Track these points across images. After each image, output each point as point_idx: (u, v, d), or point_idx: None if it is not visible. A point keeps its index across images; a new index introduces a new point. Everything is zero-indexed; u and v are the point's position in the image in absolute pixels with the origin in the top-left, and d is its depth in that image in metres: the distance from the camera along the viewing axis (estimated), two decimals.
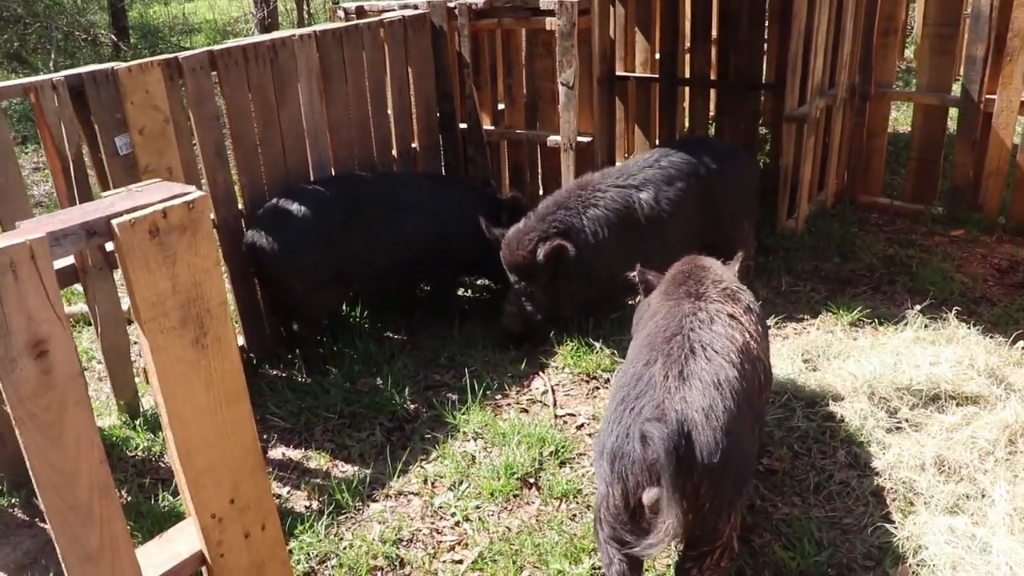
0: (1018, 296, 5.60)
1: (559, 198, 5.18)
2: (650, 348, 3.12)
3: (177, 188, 2.09)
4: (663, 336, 3.14)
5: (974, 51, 6.40)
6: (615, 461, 2.82)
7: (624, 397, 2.94)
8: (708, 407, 2.78)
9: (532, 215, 5.15)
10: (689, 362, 2.95)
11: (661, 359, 2.99)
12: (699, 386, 2.84)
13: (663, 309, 3.45)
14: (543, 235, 4.97)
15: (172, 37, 16.86)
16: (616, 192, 5.14)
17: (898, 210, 7.02)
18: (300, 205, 4.93)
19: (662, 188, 5.19)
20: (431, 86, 6.18)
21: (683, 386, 2.85)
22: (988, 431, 3.97)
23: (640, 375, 2.98)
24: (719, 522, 2.81)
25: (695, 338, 3.08)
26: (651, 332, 3.28)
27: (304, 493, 4.13)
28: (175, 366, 2.06)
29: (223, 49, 4.84)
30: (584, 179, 5.32)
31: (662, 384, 2.87)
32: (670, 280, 3.75)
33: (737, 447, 2.79)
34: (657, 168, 5.26)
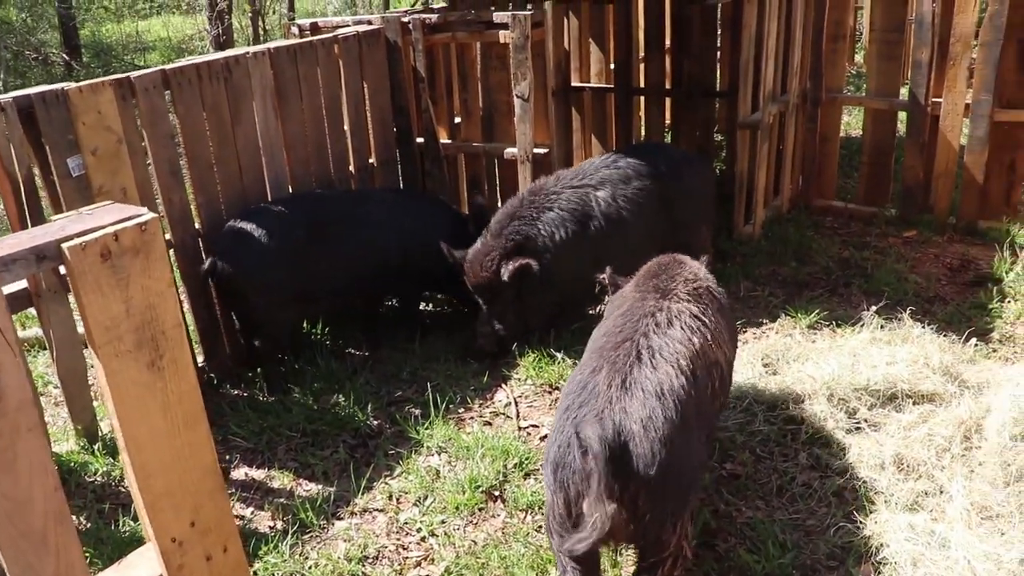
0: (970, 294, 5.72)
1: (511, 208, 5.19)
2: (599, 353, 3.13)
3: (129, 210, 2.07)
4: (613, 341, 3.15)
5: (919, 56, 6.54)
6: (557, 470, 2.84)
7: (568, 406, 2.95)
8: (647, 417, 2.78)
9: (488, 232, 5.15)
10: (633, 370, 2.95)
11: (607, 367, 2.99)
12: (640, 396, 2.85)
13: (627, 303, 3.47)
14: (503, 252, 4.99)
15: (126, 55, 16.67)
16: (571, 192, 5.16)
17: (852, 213, 7.14)
18: (261, 223, 4.91)
19: (619, 187, 5.23)
20: (387, 101, 6.17)
21: (624, 396, 2.86)
22: (944, 428, 4.04)
23: (585, 383, 2.99)
24: (662, 532, 2.81)
25: (643, 344, 3.08)
26: (607, 332, 3.29)
27: (268, 513, 4.09)
28: (131, 389, 2.04)
29: (176, 68, 4.80)
30: (537, 184, 5.34)
31: (604, 393, 2.88)
32: (644, 272, 3.78)
33: (678, 457, 2.78)
34: (614, 168, 5.31)
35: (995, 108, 6.35)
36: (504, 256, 4.98)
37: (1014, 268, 5.92)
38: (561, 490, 2.82)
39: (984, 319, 5.34)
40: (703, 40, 7.40)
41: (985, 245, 6.39)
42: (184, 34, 18.26)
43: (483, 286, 5.07)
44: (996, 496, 3.58)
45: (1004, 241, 6.24)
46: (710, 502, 3.86)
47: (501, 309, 5.12)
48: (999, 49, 6.19)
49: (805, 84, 7.09)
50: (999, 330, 5.22)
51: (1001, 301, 5.56)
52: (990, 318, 5.36)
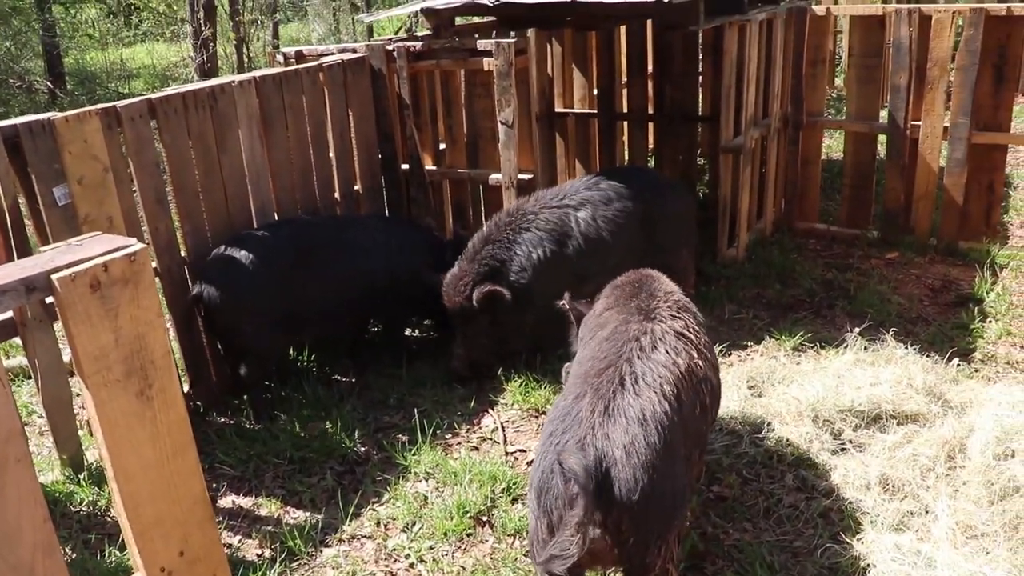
0: (951, 315, 5.78)
1: (487, 231, 5.22)
2: (583, 380, 3.14)
3: (118, 241, 2.09)
4: (597, 367, 3.17)
5: (898, 80, 6.64)
6: (541, 496, 2.86)
7: (552, 432, 2.97)
8: (629, 444, 2.80)
9: (464, 256, 5.19)
10: (616, 397, 2.97)
11: (590, 393, 3.01)
12: (623, 423, 2.87)
13: (610, 325, 3.48)
14: (476, 277, 5.04)
15: (110, 83, 16.68)
16: (550, 213, 5.17)
17: (835, 235, 7.21)
18: (247, 249, 4.92)
19: (599, 208, 5.24)
20: (372, 128, 6.21)
21: (607, 422, 2.87)
22: (928, 448, 4.08)
23: (569, 410, 3.00)
24: (647, 556, 2.83)
25: (627, 370, 3.10)
26: (592, 356, 3.30)
27: (256, 541, 4.07)
28: (120, 419, 2.04)
29: (162, 97, 4.83)
30: (514, 205, 5.37)
31: (587, 420, 2.90)
32: (620, 292, 3.79)
33: (660, 482, 2.81)
34: (596, 190, 5.33)
35: (972, 131, 6.45)
36: (477, 281, 5.02)
37: (994, 288, 5.99)
38: (544, 515, 2.83)
39: (966, 339, 5.39)
40: (685, 65, 7.48)
41: (966, 266, 6.47)
42: (169, 61, 18.29)
43: (457, 311, 5.12)
44: (980, 515, 3.61)
45: (984, 261, 6.33)
46: (698, 525, 3.87)
47: (474, 333, 5.16)
48: (975, 73, 6.30)
49: (786, 108, 7.18)
50: (981, 350, 5.28)
51: (982, 321, 5.62)
52: (972, 338, 5.41)
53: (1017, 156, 9.24)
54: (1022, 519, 3.54)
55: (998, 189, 6.68)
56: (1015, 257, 6.45)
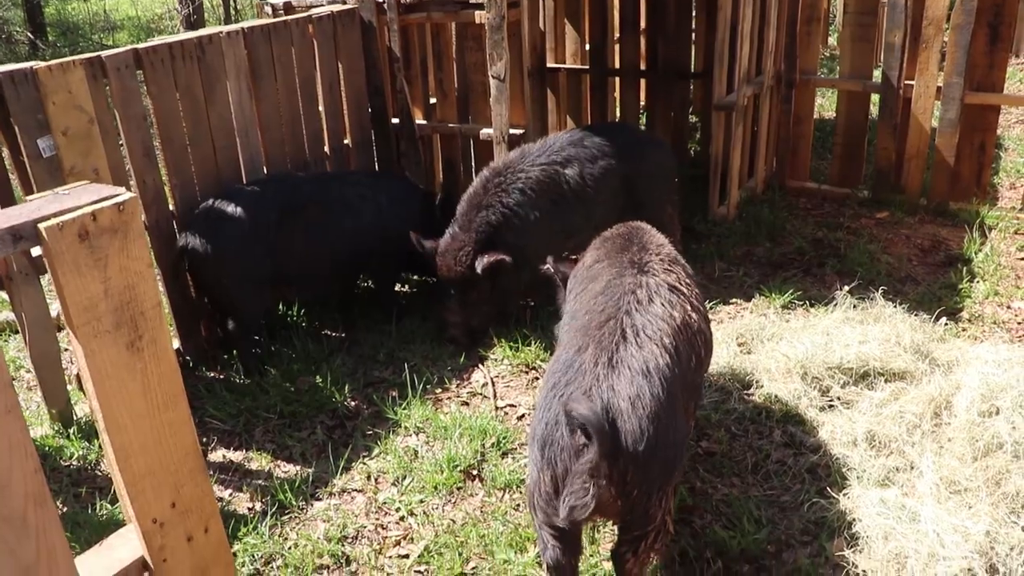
0: (940, 274, 5.80)
1: (476, 195, 5.06)
2: (584, 332, 3.13)
3: (106, 190, 2.05)
4: (597, 320, 3.16)
5: (892, 39, 6.59)
6: (545, 448, 2.85)
7: (555, 384, 2.96)
8: (635, 395, 2.80)
9: (456, 223, 5.05)
10: (619, 349, 2.97)
11: (593, 346, 3.00)
12: (627, 374, 2.86)
13: (603, 278, 3.46)
14: (476, 246, 4.92)
15: (93, 35, 16.43)
16: (539, 171, 5.06)
17: (825, 194, 7.20)
18: (234, 205, 4.88)
19: (586, 165, 5.17)
20: (362, 82, 6.14)
21: (612, 374, 2.87)
22: (915, 405, 4.11)
23: (571, 362, 2.99)
24: (650, 506, 2.85)
25: (628, 322, 3.09)
26: (589, 310, 3.29)
27: (246, 495, 4.09)
28: (110, 370, 2.03)
29: (148, 47, 4.75)
30: (500, 163, 5.20)
31: (591, 371, 2.89)
32: (611, 244, 3.77)
33: (664, 433, 2.82)
34: (580, 147, 5.24)
35: (966, 91, 6.43)
36: (477, 250, 4.91)
37: (983, 249, 6.01)
38: (549, 467, 2.83)
39: (954, 299, 5.42)
40: (678, 21, 7.42)
41: (955, 226, 6.48)
42: (153, 13, 18.01)
43: (457, 280, 5.00)
44: (964, 471, 3.64)
45: (974, 222, 6.34)
46: (686, 479, 3.91)
47: (474, 300, 5.05)
48: (970, 32, 6.26)
49: (779, 66, 7.13)
50: (968, 309, 5.31)
51: (971, 281, 5.64)
52: (960, 298, 5.44)
53: (1008, 118, 9.22)
54: (1004, 475, 3.58)
55: (989, 150, 6.67)
56: (1004, 218, 6.46)
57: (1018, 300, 5.42)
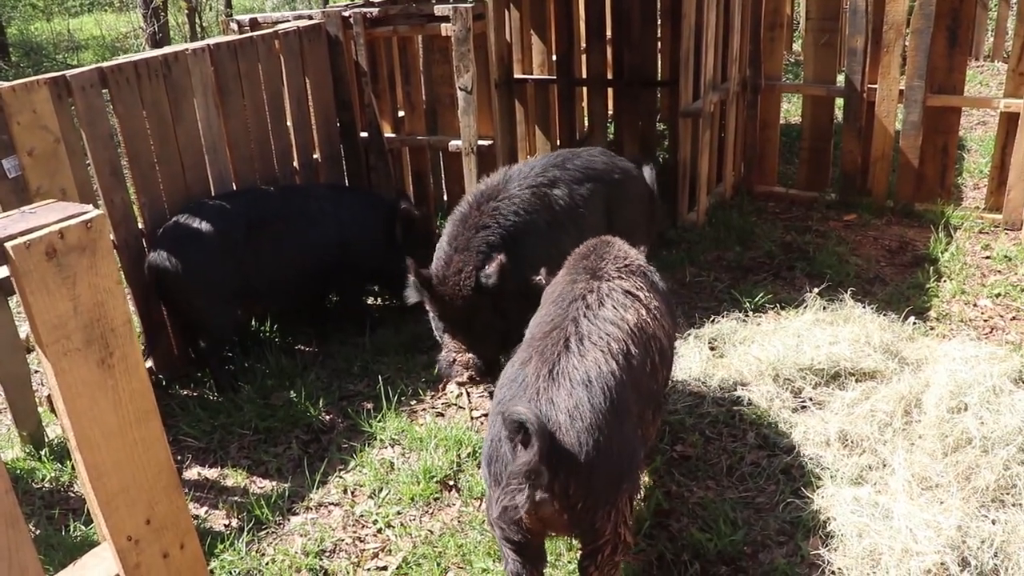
0: (908, 275, 5.88)
1: (471, 218, 4.68)
2: (529, 344, 3.10)
3: (73, 208, 2.05)
4: (543, 330, 3.12)
5: (854, 43, 6.69)
6: (491, 464, 2.83)
7: (499, 400, 2.91)
8: (573, 407, 2.73)
9: (449, 247, 4.61)
10: (561, 360, 2.90)
11: (536, 357, 2.95)
12: (567, 385, 2.80)
13: (558, 288, 3.45)
14: (478, 264, 4.50)
15: (57, 55, 16.29)
16: (530, 193, 4.80)
17: (793, 198, 7.28)
18: (200, 221, 4.86)
19: (573, 186, 4.99)
20: (329, 96, 6.14)
21: (552, 386, 2.81)
22: (886, 404, 4.16)
23: (515, 376, 2.94)
24: (595, 520, 2.80)
25: (572, 330, 3.04)
26: (540, 320, 3.27)
27: (222, 511, 4.06)
28: (81, 388, 2.02)
29: (114, 66, 4.73)
30: (488, 186, 4.87)
31: (532, 385, 2.83)
32: (574, 255, 3.77)
33: (607, 445, 2.76)
34: (564, 170, 5.06)
35: (928, 93, 6.53)
36: (480, 267, 4.48)
37: (949, 249, 6.10)
38: (496, 483, 2.80)
39: (922, 298, 5.50)
40: (644, 30, 7.48)
41: (921, 227, 6.58)
42: (118, 32, 17.90)
43: (460, 307, 4.50)
44: (935, 467, 3.69)
45: (939, 222, 6.43)
46: (662, 483, 3.93)
47: (481, 328, 4.53)
48: (929, 36, 6.37)
49: (745, 72, 7.21)
50: (936, 308, 5.38)
51: (937, 280, 5.72)
52: (927, 297, 5.52)
53: (970, 119, 9.38)
54: (974, 469, 3.64)
55: (952, 151, 6.78)
56: (968, 218, 6.57)
57: (984, 298, 5.51)
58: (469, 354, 4.50)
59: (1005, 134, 6.49)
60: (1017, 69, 6.35)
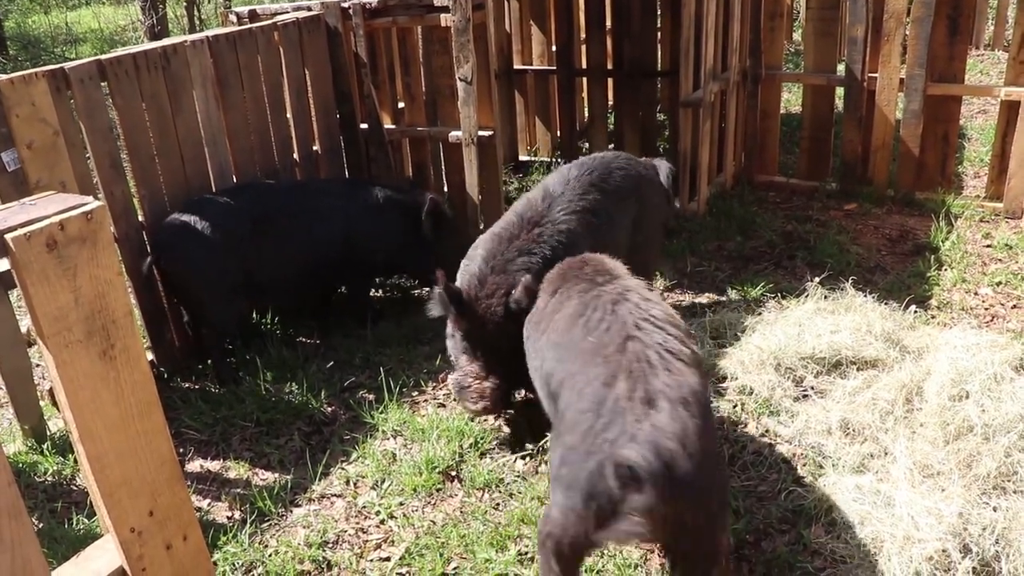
0: (909, 263, 5.87)
1: (512, 240, 4.37)
2: (604, 360, 2.89)
3: (73, 199, 2.04)
4: (613, 341, 2.94)
5: (855, 32, 6.68)
6: (590, 500, 2.66)
7: (590, 427, 2.73)
8: (681, 432, 2.57)
9: (486, 267, 4.27)
10: (650, 379, 2.75)
11: (623, 376, 2.77)
12: (667, 407, 2.64)
13: (572, 301, 3.32)
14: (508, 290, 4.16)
15: (55, 48, 16.25)
16: (576, 219, 4.50)
17: (794, 188, 7.27)
18: (205, 215, 4.86)
19: (611, 208, 4.71)
20: (329, 88, 6.12)
21: (651, 409, 2.65)
22: (887, 392, 4.16)
23: (602, 399, 2.76)
24: (715, 543, 2.77)
25: (648, 341, 2.91)
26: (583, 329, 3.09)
27: (225, 504, 4.07)
28: (82, 380, 2.02)
29: (112, 58, 4.72)
30: (530, 212, 4.51)
31: (629, 409, 2.67)
32: (560, 277, 3.67)
33: (712, 463, 2.67)
34: (603, 192, 4.70)
35: (928, 82, 6.51)
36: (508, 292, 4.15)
37: (950, 237, 6.10)
38: (592, 518, 2.66)
39: (923, 287, 5.49)
40: (644, 20, 7.47)
41: (922, 215, 6.57)
42: (117, 25, 17.84)
43: (492, 329, 4.17)
44: (936, 455, 3.69)
45: (940, 211, 6.43)
46: None
47: (508, 354, 4.10)
48: (930, 25, 6.34)
49: (745, 62, 7.19)
50: (937, 297, 5.38)
51: (938, 269, 5.72)
52: (928, 286, 5.51)
53: (970, 108, 9.36)
54: (975, 457, 3.64)
55: (952, 140, 6.76)
56: (969, 207, 6.56)
57: (985, 286, 5.51)
58: (488, 382, 4.15)
59: (1006, 123, 6.48)
60: (1018, 57, 6.33)
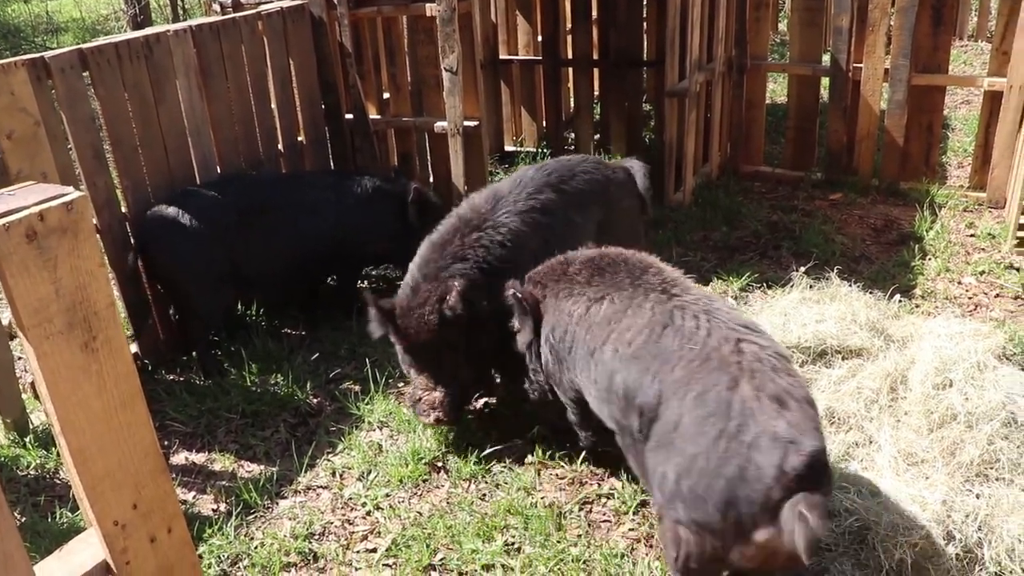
0: (893, 253, 5.90)
1: (446, 247, 4.16)
2: (721, 364, 2.84)
3: (53, 190, 2.02)
4: (723, 345, 2.90)
5: (840, 23, 6.69)
6: (729, 509, 2.64)
7: (720, 431, 2.69)
8: (814, 430, 2.65)
9: (418, 275, 4.12)
10: (776, 380, 2.76)
11: (746, 379, 2.75)
12: (797, 407, 2.69)
13: (645, 308, 3.21)
14: (443, 295, 3.99)
15: (36, 37, 16.08)
16: (519, 220, 4.25)
17: (779, 178, 7.29)
18: (191, 207, 4.83)
19: (568, 211, 4.45)
20: (314, 78, 6.09)
21: (784, 410, 2.67)
22: (872, 381, 4.17)
23: (727, 401, 2.73)
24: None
25: (763, 343, 2.94)
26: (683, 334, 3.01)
27: (211, 496, 4.05)
28: (64, 372, 2.00)
29: (94, 47, 4.67)
30: (470, 214, 4.29)
31: (760, 410, 2.67)
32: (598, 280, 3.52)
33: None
34: (558, 191, 4.45)
35: (912, 72, 6.53)
36: (443, 298, 3.99)
37: (934, 227, 6.12)
38: (731, 529, 2.65)
39: (907, 276, 5.52)
40: (629, 10, 7.45)
41: (907, 205, 6.60)
42: (98, 14, 17.67)
43: (427, 342, 4.04)
44: (921, 443, 3.71)
45: (924, 201, 6.45)
46: None
47: (451, 364, 4.07)
48: (914, 15, 6.36)
49: (730, 52, 7.19)
50: (921, 286, 5.41)
51: (922, 258, 5.75)
52: (912, 275, 5.54)
53: (954, 98, 9.39)
54: (958, 445, 3.65)
55: (936, 130, 6.79)
56: (953, 197, 6.59)
57: (968, 276, 5.54)
58: (437, 393, 4.07)
59: (989, 113, 6.51)
60: (1001, 48, 6.36)
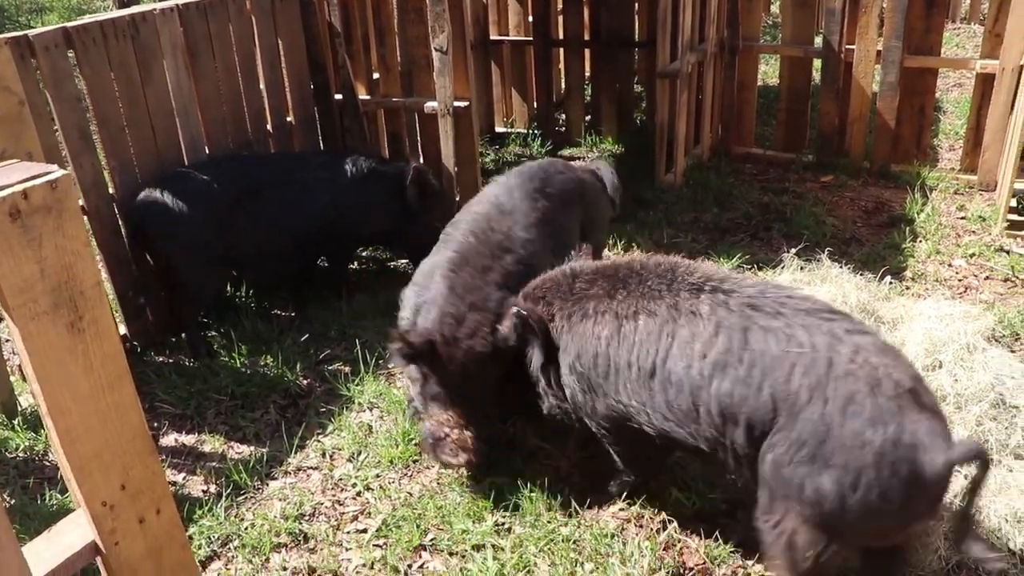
0: (884, 235, 5.90)
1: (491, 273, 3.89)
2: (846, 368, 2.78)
3: (37, 168, 1.99)
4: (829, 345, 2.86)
5: (832, 4, 6.66)
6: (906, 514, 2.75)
7: (885, 438, 2.64)
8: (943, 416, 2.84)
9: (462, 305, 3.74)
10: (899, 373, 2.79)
11: (882, 379, 2.74)
12: (928, 398, 2.81)
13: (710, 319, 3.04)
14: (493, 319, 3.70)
15: (20, 17, 15.92)
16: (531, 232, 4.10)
17: (771, 159, 7.28)
18: (185, 187, 4.80)
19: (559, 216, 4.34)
20: (303, 58, 6.03)
21: (922, 405, 2.74)
22: None
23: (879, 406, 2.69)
24: None
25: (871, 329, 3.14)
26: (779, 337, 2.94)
27: (200, 477, 4.04)
28: (50, 352, 1.98)
29: (79, 25, 4.61)
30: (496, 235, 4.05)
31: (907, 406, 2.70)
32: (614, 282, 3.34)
33: None
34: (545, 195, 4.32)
35: (905, 54, 6.51)
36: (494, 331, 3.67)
37: (925, 209, 6.13)
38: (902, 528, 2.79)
39: (898, 258, 5.52)
40: None
41: (898, 188, 6.60)
42: None
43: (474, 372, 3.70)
44: None
45: (915, 183, 6.46)
46: None
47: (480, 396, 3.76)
48: None
49: (722, 33, 7.16)
50: (911, 268, 5.41)
51: (913, 241, 5.75)
52: (903, 257, 5.55)
53: (946, 81, 9.39)
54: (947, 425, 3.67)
55: (928, 112, 6.78)
56: (944, 179, 6.59)
57: (958, 258, 5.55)
58: (468, 431, 3.66)
59: (981, 95, 6.51)
60: (993, 31, 6.35)
